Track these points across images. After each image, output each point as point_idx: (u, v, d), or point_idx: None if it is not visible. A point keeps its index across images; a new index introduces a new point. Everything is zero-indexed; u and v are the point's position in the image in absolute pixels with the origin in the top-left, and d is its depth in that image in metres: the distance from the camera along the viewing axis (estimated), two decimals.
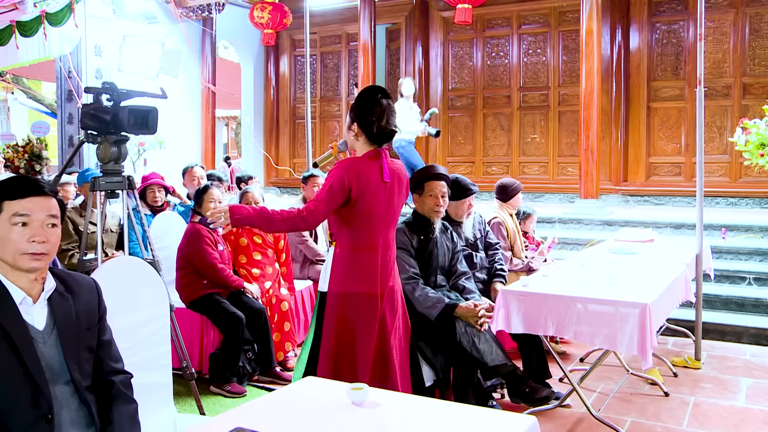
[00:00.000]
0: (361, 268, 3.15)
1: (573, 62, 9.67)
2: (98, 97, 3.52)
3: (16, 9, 8.29)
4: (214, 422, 2.11)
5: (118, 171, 3.59)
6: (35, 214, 1.95)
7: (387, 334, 3.22)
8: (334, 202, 3.05)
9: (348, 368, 3.16)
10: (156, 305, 2.85)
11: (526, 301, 3.71)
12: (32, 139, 11.17)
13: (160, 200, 5.73)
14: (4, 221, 1.93)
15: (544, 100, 10.08)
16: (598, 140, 7.99)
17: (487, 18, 10.30)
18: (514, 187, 5.31)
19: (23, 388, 1.88)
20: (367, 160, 3.13)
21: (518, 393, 4.09)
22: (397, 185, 3.21)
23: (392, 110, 3.16)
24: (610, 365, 4.78)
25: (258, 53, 12.25)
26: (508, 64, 10.34)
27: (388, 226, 3.22)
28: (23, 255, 1.93)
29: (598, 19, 7.88)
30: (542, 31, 10.08)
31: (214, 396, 4.44)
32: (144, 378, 2.52)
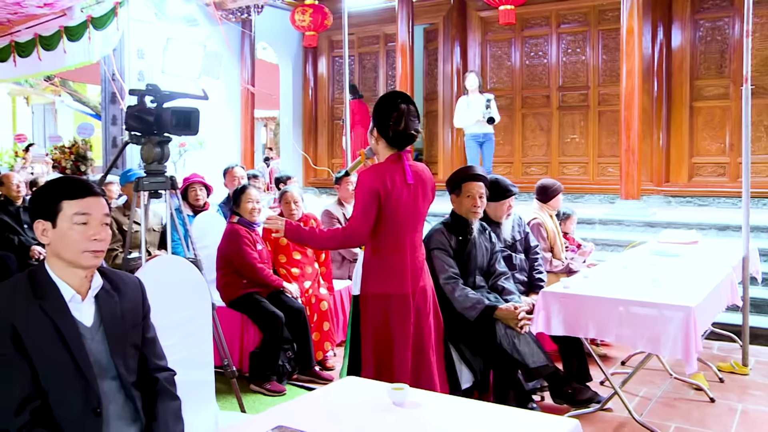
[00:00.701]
0: (392, 269, 3.20)
1: (613, 61, 9.54)
2: (142, 98, 3.58)
3: (65, 15, 8.49)
4: (255, 420, 2.13)
5: (161, 171, 3.65)
6: (94, 213, 2.01)
7: (422, 334, 3.28)
8: (370, 214, 3.13)
9: (387, 370, 3.20)
10: (198, 304, 2.89)
11: (566, 303, 3.67)
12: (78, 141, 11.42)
13: (201, 199, 5.80)
14: (65, 220, 1.98)
15: (584, 99, 9.96)
16: (639, 140, 7.87)
17: (525, 17, 10.22)
18: (555, 188, 5.26)
19: (74, 382, 1.93)
20: (389, 164, 3.20)
21: (561, 394, 4.05)
22: (421, 187, 3.26)
23: (412, 114, 3.19)
24: (653, 369, 4.69)
25: (296, 54, 12.33)
26: (547, 64, 10.25)
27: (415, 228, 3.28)
28: (84, 253, 1.98)
29: (638, 17, 7.76)
30: (582, 30, 9.96)
31: (253, 394, 4.48)
32: (186, 375, 2.55)
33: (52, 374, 1.90)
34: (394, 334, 3.20)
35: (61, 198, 1.99)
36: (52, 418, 1.91)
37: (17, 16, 8.62)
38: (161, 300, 2.54)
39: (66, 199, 1.99)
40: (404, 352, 3.20)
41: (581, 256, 5.35)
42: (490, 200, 4.20)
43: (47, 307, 1.94)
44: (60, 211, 1.99)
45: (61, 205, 1.99)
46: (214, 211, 5.90)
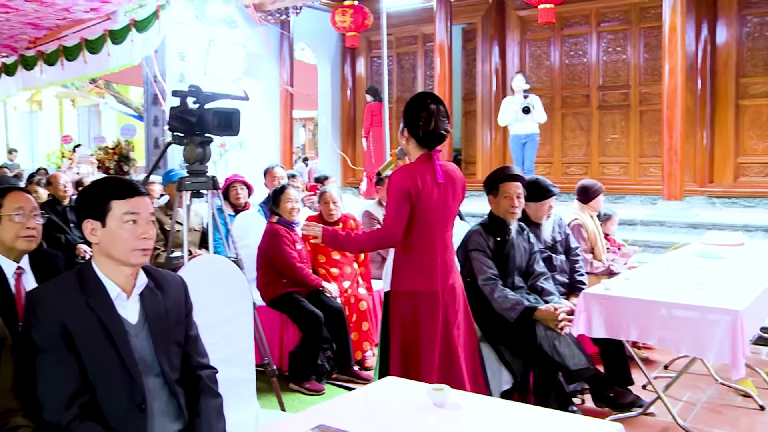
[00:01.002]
0: (422, 267, 3.24)
1: (655, 60, 9.39)
2: (184, 100, 3.64)
3: (109, 19, 8.67)
4: (296, 419, 2.14)
5: (203, 171, 3.70)
6: (142, 212, 2.05)
7: (451, 333, 3.29)
8: (403, 214, 3.17)
9: (414, 366, 3.24)
10: (239, 303, 2.92)
11: (608, 305, 3.62)
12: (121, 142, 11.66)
13: (242, 199, 5.85)
14: (115, 219, 2.03)
15: (625, 99, 9.82)
16: (682, 140, 7.72)
17: (565, 16, 10.12)
18: (596, 188, 5.19)
19: (120, 379, 1.97)
20: (419, 164, 3.24)
21: (603, 397, 3.99)
22: (451, 186, 3.28)
23: (442, 114, 3.22)
24: (697, 373, 4.59)
25: (335, 55, 12.39)
26: (587, 63, 10.14)
27: (445, 226, 3.31)
28: (134, 251, 2.03)
29: (682, 14, 7.61)
30: (622, 28, 9.83)
31: (293, 393, 4.51)
32: (228, 373, 2.58)
33: (99, 370, 1.95)
34: (422, 331, 3.23)
35: (110, 198, 2.04)
36: (100, 412, 1.95)
37: (65, 21, 8.82)
38: (203, 299, 2.57)
39: (115, 199, 2.04)
40: (431, 350, 3.23)
41: (623, 257, 5.27)
42: (531, 200, 4.17)
43: (94, 305, 1.99)
44: (109, 210, 2.03)
45: (111, 204, 2.03)
46: (254, 211, 5.96)
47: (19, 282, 2.56)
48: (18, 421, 1.84)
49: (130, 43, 8.63)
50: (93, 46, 9.10)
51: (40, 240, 2.65)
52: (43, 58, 10.15)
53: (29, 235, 2.56)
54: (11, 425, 1.83)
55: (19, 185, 6.38)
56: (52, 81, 10.67)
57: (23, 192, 2.68)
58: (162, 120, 10.06)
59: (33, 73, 10.59)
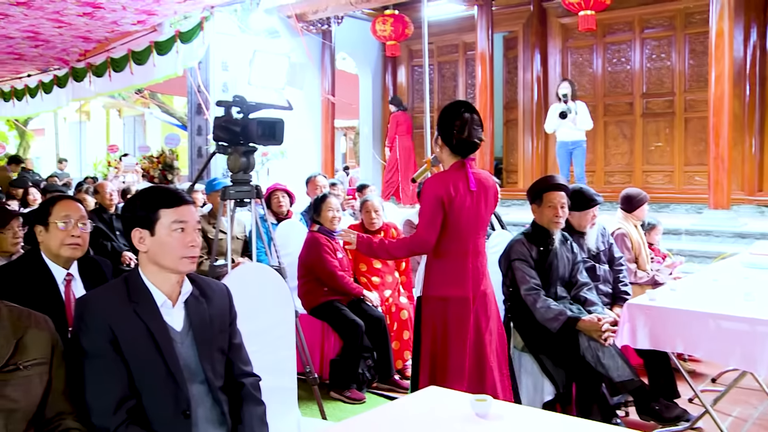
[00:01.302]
0: (453, 273, 3.28)
1: (701, 66, 9.21)
2: (229, 109, 3.68)
3: (155, 31, 8.85)
4: (338, 428, 2.15)
5: (247, 180, 3.74)
6: (190, 220, 2.09)
7: (482, 339, 3.32)
8: (436, 221, 3.22)
9: (441, 371, 3.28)
10: (282, 311, 2.95)
11: (652, 316, 3.55)
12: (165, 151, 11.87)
13: (284, 207, 5.90)
14: (163, 228, 2.07)
15: (669, 106, 9.66)
16: (730, 147, 7.55)
17: (607, 23, 10.01)
18: (640, 197, 5.11)
19: (165, 385, 2.00)
20: (453, 171, 3.28)
21: (648, 410, 3.92)
22: (483, 194, 3.32)
23: (476, 123, 3.26)
24: (748, 388, 4.45)
25: (376, 64, 12.44)
26: (630, 70, 10.00)
27: (477, 233, 3.34)
28: (183, 259, 2.07)
29: (729, 18, 7.46)
30: (667, 34, 9.67)
31: (333, 401, 4.52)
32: (270, 381, 2.59)
33: (145, 376, 1.98)
34: (451, 336, 3.27)
35: (158, 207, 2.07)
36: (146, 418, 1.98)
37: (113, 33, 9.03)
38: (246, 307, 2.59)
39: (163, 208, 2.07)
40: (461, 357, 3.26)
41: (669, 267, 5.18)
42: (574, 210, 4.13)
43: (141, 312, 2.02)
44: (158, 219, 2.07)
45: (159, 213, 2.07)
46: (296, 220, 6.00)
47: (69, 288, 2.61)
48: (69, 423, 1.88)
49: (175, 54, 8.79)
50: (139, 57, 9.29)
51: (86, 248, 2.69)
52: (92, 69, 10.40)
53: (74, 243, 2.60)
54: (62, 428, 1.87)
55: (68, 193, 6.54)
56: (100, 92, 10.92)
57: (72, 200, 2.73)
58: (205, 129, 10.21)
59: (82, 84, 10.86)
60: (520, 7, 10.63)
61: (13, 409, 1.74)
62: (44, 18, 7.92)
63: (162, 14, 8.20)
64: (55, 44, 9.53)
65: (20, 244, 3.57)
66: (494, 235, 4.54)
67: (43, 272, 2.59)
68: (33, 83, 12.45)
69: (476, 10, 9.80)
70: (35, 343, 1.84)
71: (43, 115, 16.87)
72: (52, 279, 2.59)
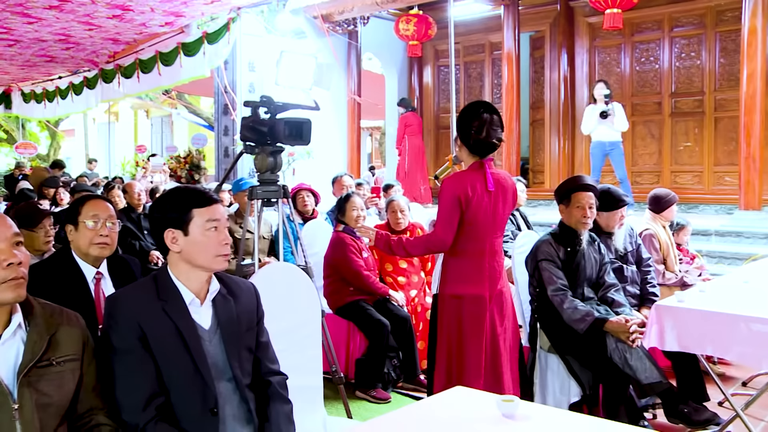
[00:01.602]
0: (469, 271, 3.33)
1: (732, 65, 9.08)
2: (256, 110, 3.71)
3: (183, 32, 8.94)
4: (364, 428, 2.15)
5: (274, 180, 3.76)
6: (221, 219, 2.12)
7: (497, 338, 3.36)
8: (453, 220, 3.27)
9: (458, 369, 3.31)
10: (308, 310, 2.96)
11: (681, 318, 3.51)
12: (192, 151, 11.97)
13: (309, 206, 5.92)
14: (197, 227, 2.09)
15: (699, 105, 9.54)
16: (762, 147, 7.43)
17: (635, 22, 9.90)
18: (669, 198, 5.06)
19: (193, 383, 2.01)
20: (471, 172, 3.33)
21: (676, 413, 3.87)
22: (501, 194, 3.35)
23: (495, 124, 3.31)
24: None
25: (402, 64, 12.43)
26: (658, 70, 9.89)
27: (494, 233, 3.37)
28: (217, 257, 2.10)
29: (763, 15, 7.34)
30: (697, 32, 9.55)
31: (359, 401, 4.53)
32: (296, 380, 2.61)
33: (173, 374, 2.00)
34: (467, 335, 3.31)
35: (191, 207, 2.09)
36: (174, 415, 2.00)
37: (142, 35, 9.14)
38: (273, 306, 2.61)
39: (196, 208, 2.09)
40: (477, 355, 3.30)
41: (698, 269, 5.11)
42: (602, 210, 4.11)
43: (170, 310, 2.04)
44: (191, 219, 2.09)
45: (192, 213, 2.09)
46: (322, 219, 6.03)
47: (98, 286, 2.65)
48: (100, 419, 1.91)
49: (201, 56, 8.87)
50: (166, 59, 9.38)
51: (114, 247, 2.72)
52: (121, 71, 10.54)
53: (102, 242, 2.64)
54: (93, 423, 1.90)
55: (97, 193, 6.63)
56: (129, 93, 11.05)
57: (101, 200, 2.77)
58: (232, 129, 10.28)
59: (111, 85, 11.00)
60: (546, 6, 10.55)
61: (47, 404, 1.77)
62: (75, 21, 8.05)
63: (189, 16, 8.28)
64: (85, 46, 9.67)
65: (51, 242, 3.62)
66: (521, 236, 4.52)
67: (73, 270, 2.63)
68: (63, 85, 12.65)
69: (503, 9, 9.75)
70: (67, 340, 1.87)
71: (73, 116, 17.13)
72: (82, 277, 2.63)
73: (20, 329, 1.80)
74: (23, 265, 1.78)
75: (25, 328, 1.80)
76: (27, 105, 14.35)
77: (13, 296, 1.75)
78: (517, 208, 6.51)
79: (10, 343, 1.76)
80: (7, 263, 1.74)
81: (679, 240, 5.32)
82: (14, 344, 1.77)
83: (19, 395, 1.72)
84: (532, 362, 3.87)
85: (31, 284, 1.82)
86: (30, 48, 9.73)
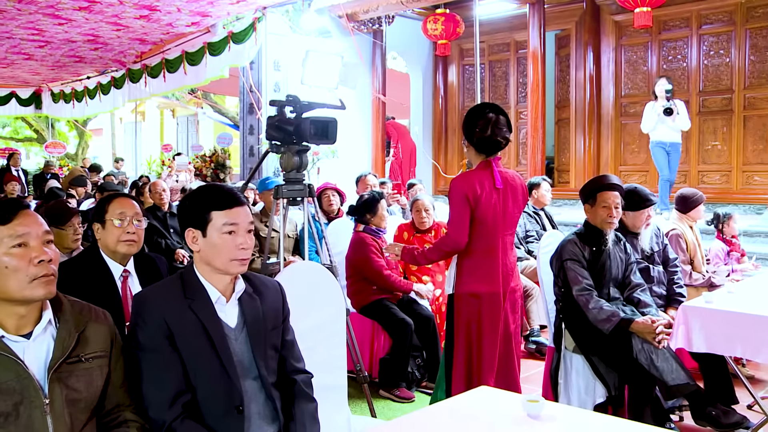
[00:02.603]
0: (484, 269, 3.38)
1: (762, 62, 8.96)
2: (282, 109, 3.72)
3: (209, 32, 9.01)
4: (389, 427, 2.15)
5: (299, 179, 3.78)
6: (241, 223, 2.09)
7: (509, 335, 3.45)
8: (464, 219, 3.32)
9: (477, 367, 3.37)
10: (333, 309, 2.96)
11: (709, 319, 3.48)
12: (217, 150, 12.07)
13: (335, 205, 5.93)
14: (215, 230, 2.08)
15: (727, 104, 9.41)
16: None
17: (663, 20, 9.80)
18: (696, 198, 5.00)
19: (219, 381, 2.02)
20: (478, 170, 3.39)
21: (704, 415, 3.81)
22: (510, 191, 3.41)
23: (501, 123, 3.35)
24: None
25: (426, 63, 12.41)
26: (686, 68, 9.77)
27: (506, 230, 3.43)
28: (232, 261, 2.08)
29: None
30: (726, 30, 9.42)
31: (383, 399, 4.53)
32: (321, 379, 2.62)
33: (199, 372, 2.01)
34: (485, 332, 3.37)
35: (210, 208, 2.09)
36: (200, 413, 2.01)
37: (168, 35, 9.24)
38: (298, 304, 2.62)
39: (215, 210, 2.08)
40: (493, 351, 3.37)
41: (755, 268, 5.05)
42: (629, 210, 4.08)
43: (196, 307, 2.05)
44: (210, 221, 2.08)
45: (211, 215, 2.08)
46: (347, 218, 6.03)
47: (126, 284, 2.68)
48: (127, 415, 1.93)
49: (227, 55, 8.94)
50: (192, 58, 9.47)
51: (141, 244, 2.75)
52: (148, 71, 10.65)
53: (129, 239, 2.67)
54: (121, 419, 1.92)
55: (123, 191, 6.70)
56: (155, 92, 11.16)
57: (127, 198, 2.80)
58: (257, 129, 10.33)
59: (138, 85, 11.13)
60: (572, 4, 10.48)
61: (77, 399, 1.80)
62: (104, 21, 8.16)
63: (215, 15, 8.34)
64: (113, 47, 9.80)
65: (80, 240, 3.67)
66: (546, 236, 4.49)
67: (101, 268, 2.66)
68: (92, 85, 12.82)
69: (528, 8, 9.70)
70: (96, 337, 1.89)
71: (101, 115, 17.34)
72: (109, 275, 2.66)
73: (50, 326, 1.82)
74: (53, 262, 1.81)
75: (55, 325, 1.83)
76: (56, 105, 14.58)
77: (44, 293, 1.78)
78: (542, 207, 6.48)
79: (40, 339, 1.79)
80: (38, 260, 1.76)
81: (730, 231, 5.28)
82: (45, 340, 1.80)
83: (50, 390, 1.74)
84: (556, 362, 3.85)
85: (60, 281, 1.84)
86: (60, 49, 9.89)
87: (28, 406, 1.70)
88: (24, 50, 10.04)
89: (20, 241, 1.76)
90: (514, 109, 11.48)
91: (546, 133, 10.04)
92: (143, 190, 6.96)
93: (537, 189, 6.43)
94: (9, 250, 1.75)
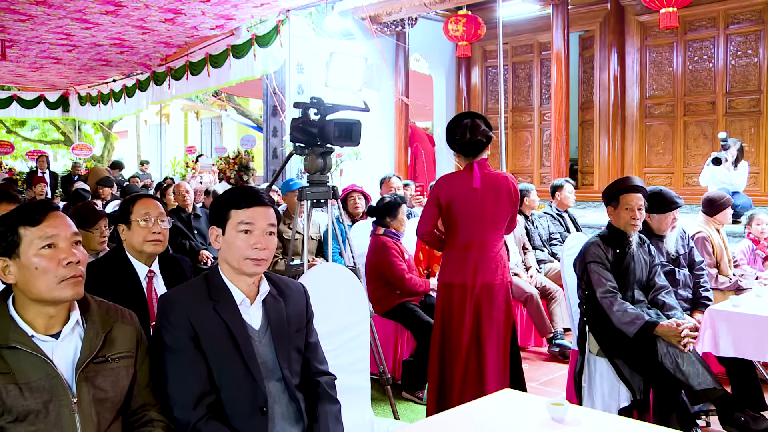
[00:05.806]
0: (457, 262, 3.68)
1: None
2: (306, 111, 3.73)
3: (233, 35, 9.08)
4: (412, 429, 2.15)
5: (323, 181, 3.79)
6: (258, 222, 2.10)
7: (482, 328, 3.65)
8: (429, 214, 3.74)
9: (447, 353, 3.70)
10: (357, 311, 2.97)
11: (736, 323, 3.44)
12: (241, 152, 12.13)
13: (360, 208, 5.92)
14: (231, 228, 2.11)
15: (755, 105, 9.28)
16: None
17: (689, 20, 9.69)
18: (723, 201, 4.93)
19: (243, 382, 2.04)
20: (461, 172, 3.72)
21: (732, 421, 3.76)
22: (492, 192, 3.66)
23: (477, 126, 3.67)
24: None
25: (449, 65, 12.39)
26: (712, 68, 9.65)
27: (484, 228, 3.67)
28: (246, 260, 2.09)
29: None
30: (754, 29, 9.29)
31: (405, 402, 4.53)
32: (344, 380, 2.62)
33: (224, 373, 2.03)
34: (454, 321, 3.66)
35: (230, 207, 2.11)
36: (224, 413, 2.03)
37: (193, 38, 9.32)
38: (321, 306, 2.62)
39: (234, 208, 2.11)
40: (458, 339, 3.64)
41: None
42: (654, 212, 4.04)
43: (220, 309, 2.07)
44: (228, 219, 2.11)
45: (230, 213, 2.11)
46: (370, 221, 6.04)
47: (151, 284, 2.71)
48: (152, 415, 1.95)
49: (251, 58, 9.00)
50: (216, 61, 9.55)
51: (166, 243, 2.78)
52: (172, 73, 10.75)
53: (155, 239, 2.70)
54: (147, 418, 1.95)
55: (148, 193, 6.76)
56: (178, 94, 11.26)
57: (151, 198, 2.83)
58: (280, 130, 10.38)
59: (161, 87, 11.23)
60: (596, 5, 10.40)
61: (104, 399, 1.82)
62: (130, 25, 8.25)
63: (239, 19, 8.40)
64: (138, 50, 9.91)
65: (106, 242, 3.72)
66: (570, 238, 4.46)
67: (126, 269, 2.69)
68: (117, 88, 12.98)
69: (551, 9, 9.65)
70: (122, 337, 1.92)
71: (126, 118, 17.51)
72: (135, 275, 2.69)
73: (78, 326, 1.85)
74: (81, 263, 1.83)
75: (82, 325, 1.86)
76: (83, 108, 14.78)
77: (72, 294, 1.81)
78: (566, 209, 6.44)
79: (68, 339, 1.82)
80: (66, 262, 1.79)
81: (753, 231, 5.23)
82: (72, 340, 1.82)
83: (78, 390, 1.77)
84: (580, 365, 3.82)
85: (87, 282, 1.87)
86: (87, 53, 10.03)
87: (57, 404, 1.73)
88: (53, 54, 10.20)
89: (49, 242, 1.79)
90: (537, 110, 11.43)
91: (570, 135, 9.97)
92: (167, 192, 7.02)
93: (560, 191, 6.39)
94: (38, 251, 1.78)
